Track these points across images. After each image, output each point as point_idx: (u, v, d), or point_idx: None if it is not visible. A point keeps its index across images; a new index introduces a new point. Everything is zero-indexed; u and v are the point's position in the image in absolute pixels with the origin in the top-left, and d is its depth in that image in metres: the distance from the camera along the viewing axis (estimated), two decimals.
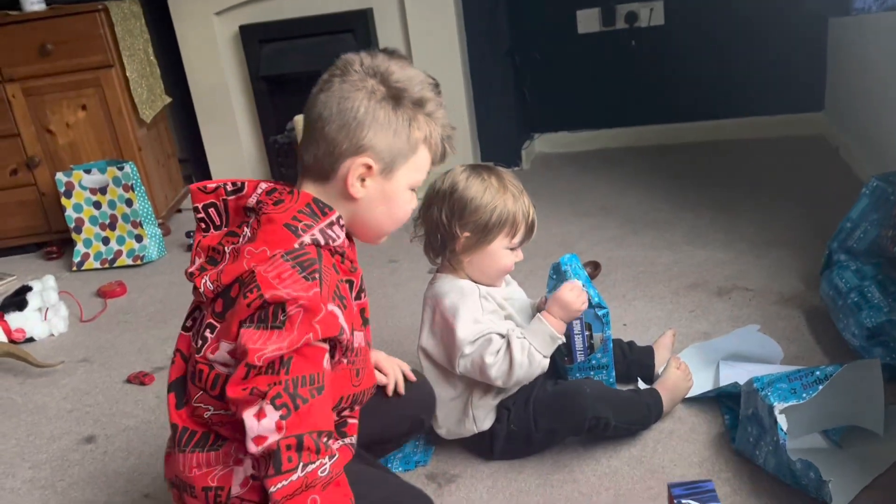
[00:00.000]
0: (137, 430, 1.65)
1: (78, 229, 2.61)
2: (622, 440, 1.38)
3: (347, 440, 1.11)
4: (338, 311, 0.94)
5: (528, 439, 1.34)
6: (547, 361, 1.32)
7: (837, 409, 1.26)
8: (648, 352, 1.56)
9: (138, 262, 2.58)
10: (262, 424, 0.88)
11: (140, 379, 1.84)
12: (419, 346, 1.36)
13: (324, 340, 0.93)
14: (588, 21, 2.95)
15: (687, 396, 1.46)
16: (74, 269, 2.61)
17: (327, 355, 0.95)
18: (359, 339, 1.05)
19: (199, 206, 1.03)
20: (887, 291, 1.47)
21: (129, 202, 2.57)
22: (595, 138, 3.12)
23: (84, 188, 2.58)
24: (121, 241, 2.61)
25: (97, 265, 2.60)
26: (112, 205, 2.59)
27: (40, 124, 2.67)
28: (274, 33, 2.86)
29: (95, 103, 2.66)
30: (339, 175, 1.00)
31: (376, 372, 1.25)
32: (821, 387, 1.22)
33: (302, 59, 2.80)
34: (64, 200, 2.59)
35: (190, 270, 1.01)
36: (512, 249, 1.33)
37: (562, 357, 1.45)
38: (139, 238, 2.59)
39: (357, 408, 1.13)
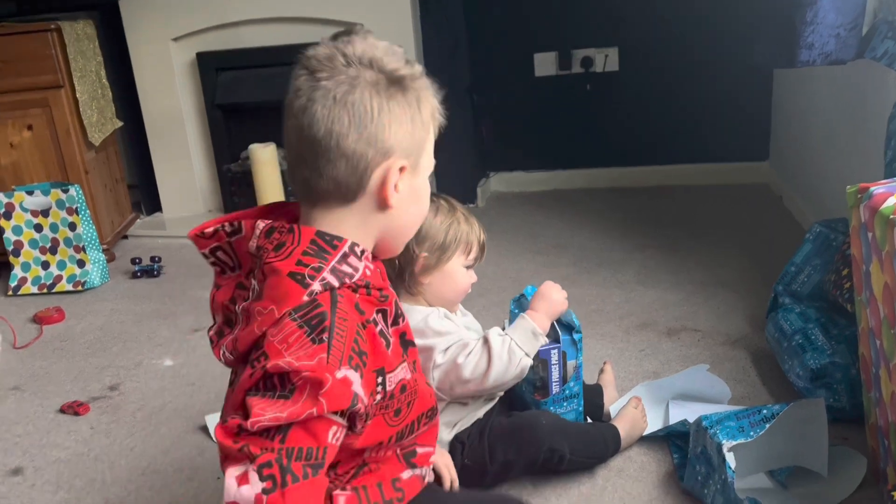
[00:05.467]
0: (69, 462, 1.57)
1: (16, 252, 2.51)
2: (572, 479, 1.36)
3: (418, 471, 1.00)
4: (353, 376, 0.83)
5: (483, 473, 1.32)
6: (528, 362, 1.30)
7: (783, 450, 1.27)
8: (597, 390, 1.56)
9: (79, 287, 2.49)
10: (241, 491, 0.79)
11: (74, 409, 1.75)
12: None
13: (335, 413, 0.82)
14: (545, 64, 3.01)
15: None
16: (10, 293, 2.50)
17: (335, 429, 0.83)
18: (400, 374, 0.93)
19: (206, 251, 0.94)
20: (830, 334, 1.50)
21: (72, 226, 2.48)
22: (549, 179, 3.16)
23: (25, 210, 2.49)
24: (61, 265, 2.52)
25: (35, 290, 2.50)
26: (54, 228, 2.50)
27: None
28: (232, 62, 2.84)
29: (42, 124, 2.59)
30: (370, 189, 0.88)
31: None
32: (768, 425, 1.23)
33: (258, 89, 2.78)
34: (3, 222, 2.49)
35: (210, 335, 0.93)
36: (468, 268, 1.35)
37: (532, 392, 1.42)
38: (81, 263, 2.50)
39: (423, 434, 1.00)
